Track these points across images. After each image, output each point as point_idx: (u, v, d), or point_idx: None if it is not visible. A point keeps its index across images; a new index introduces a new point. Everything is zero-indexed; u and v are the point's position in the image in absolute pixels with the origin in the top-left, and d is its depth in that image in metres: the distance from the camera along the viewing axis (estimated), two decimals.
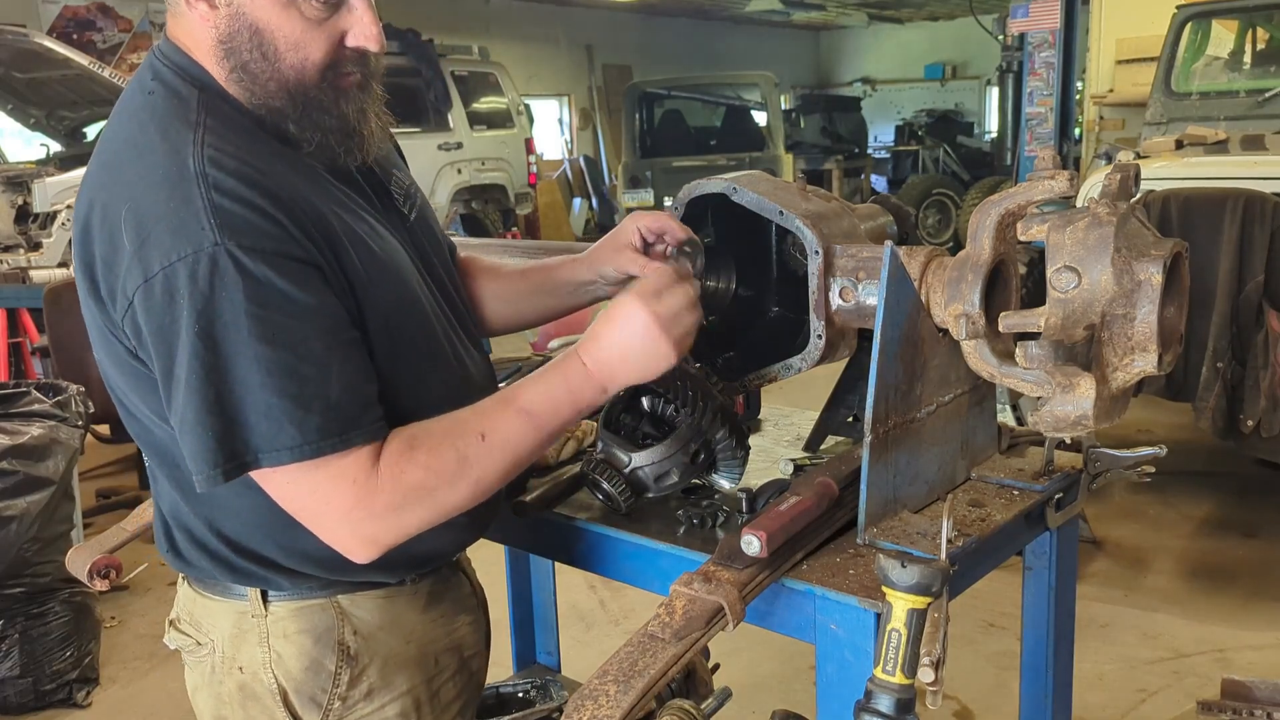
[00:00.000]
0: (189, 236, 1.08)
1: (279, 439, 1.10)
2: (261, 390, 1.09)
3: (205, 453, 1.10)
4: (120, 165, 1.17)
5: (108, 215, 1.14)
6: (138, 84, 1.24)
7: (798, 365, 1.56)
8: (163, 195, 1.10)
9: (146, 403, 1.21)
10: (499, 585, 2.79)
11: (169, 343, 1.09)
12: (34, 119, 6.97)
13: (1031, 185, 1.28)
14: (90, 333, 1.23)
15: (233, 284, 1.08)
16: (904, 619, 1.12)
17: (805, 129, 15.16)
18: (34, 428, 3.09)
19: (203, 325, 1.08)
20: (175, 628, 1.40)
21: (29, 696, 3.05)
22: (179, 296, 1.08)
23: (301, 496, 1.15)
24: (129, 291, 1.11)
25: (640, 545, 1.50)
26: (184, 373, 1.09)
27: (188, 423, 1.10)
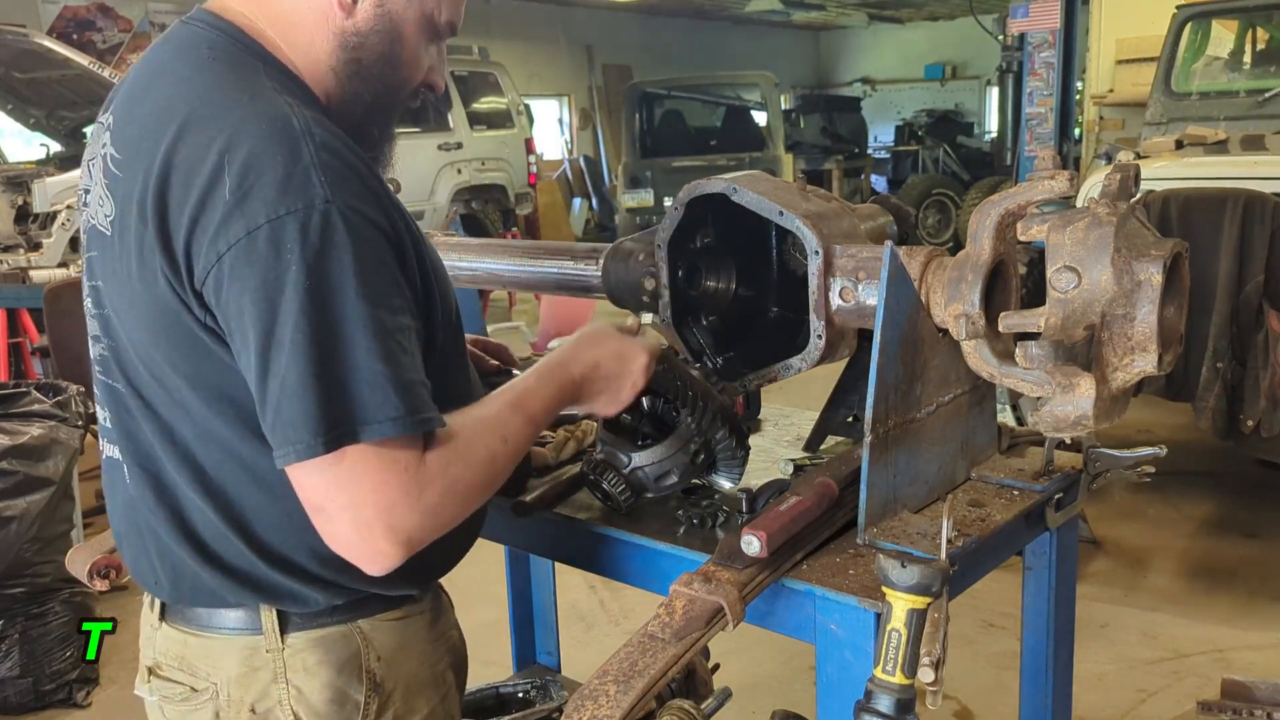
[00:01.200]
0: (299, 191, 1.03)
1: (384, 409, 1.04)
2: (368, 356, 1.04)
3: (308, 420, 1.02)
4: (201, 120, 1.09)
5: (195, 168, 1.06)
6: (188, 48, 1.18)
7: (798, 365, 1.56)
8: (269, 148, 1.05)
9: (199, 385, 1.12)
10: (499, 585, 2.79)
11: (272, 300, 1.02)
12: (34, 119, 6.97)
13: (1031, 185, 1.28)
14: (136, 308, 1.14)
15: (342, 243, 1.04)
16: (904, 619, 1.12)
17: (805, 129, 15.16)
18: (34, 428, 3.09)
19: (313, 283, 1.02)
20: (157, 675, 1.28)
21: (29, 696, 3.05)
22: (286, 251, 1.02)
23: (353, 481, 1.05)
24: (222, 246, 1.04)
25: (640, 545, 1.50)
26: (289, 332, 1.02)
27: (289, 386, 1.02)
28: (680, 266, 1.69)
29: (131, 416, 1.20)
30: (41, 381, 3.49)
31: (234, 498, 1.16)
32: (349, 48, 1.21)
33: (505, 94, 11.09)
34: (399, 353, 1.07)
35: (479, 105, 10.78)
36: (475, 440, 1.15)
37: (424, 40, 1.26)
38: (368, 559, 1.08)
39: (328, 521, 1.07)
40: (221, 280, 1.05)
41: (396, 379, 1.05)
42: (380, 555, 1.08)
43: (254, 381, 1.06)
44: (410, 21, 1.23)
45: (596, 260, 1.78)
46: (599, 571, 1.64)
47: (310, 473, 1.05)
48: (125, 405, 1.20)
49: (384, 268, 1.08)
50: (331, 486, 1.05)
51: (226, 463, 1.15)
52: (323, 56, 1.21)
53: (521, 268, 1.95)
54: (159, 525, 1.21)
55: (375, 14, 1.21)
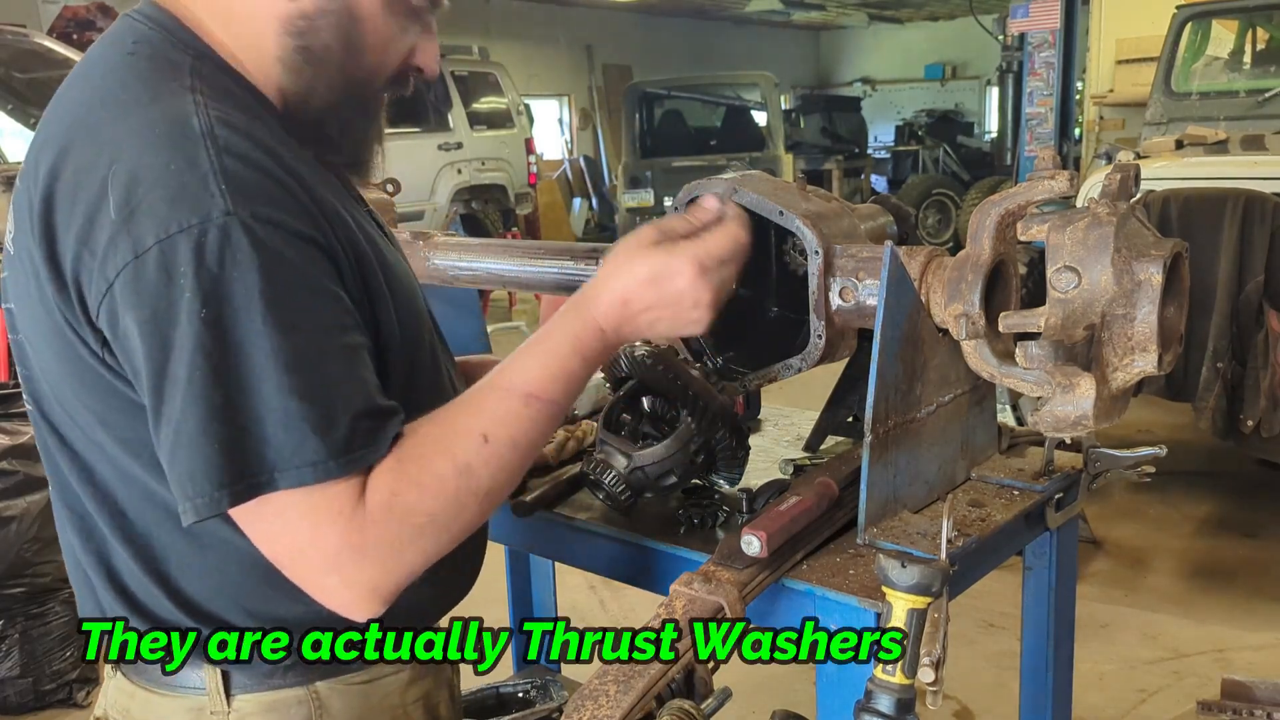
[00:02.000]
0: (193, 204, 0.90)
1: (301, 453, 0.90)
2: (279, 392, 0.90)
3: (209, 470, 0.90)
4: (96, 125, 0.97)
5: (82, 182, 0.94)
6: (112, 44, 1.06)
7: (798, 365, 1.56)
8: (159, 157, 0.92)
9: (106, 424, 1.00)
10: (499, 585, 2.79)
11: (164, 333, 0.89)
12: (34, 119, 6.95)
13: (1031, 185, 1.28)
14: (40, 336, 1.02)
15: (246, 260, 0.90)
16: (904, 619, 1.12)
17: (805, 129, 15.17)
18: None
19: (210, 310, 0.89)
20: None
21: (29, 696, 3.05)
22: (179, 276, 0.89)
23: (293, 532, 0.93)
24: (110, 272, 0.91)
25: (640, 545, 1.50)
26: (184, 370, 0.89)
27: (185, 434, 0.90)
28: None
29: (51, 455, 1.09)
30: None
31: (156, 546, 1.05)
32: (295, 33, 1.05)
33: (505, 94, 11.09)
34: (324, 383, 0.93)
35: (479, 105, 10.78)
36: (437, 449, 0.99)
37: (395, 19, 1.10)
38: (345, 607, 0.97)
39: (291, 574, 0.97)
40: (115, 311, 0.92)
41: (317, 416, 0.91)
42: (353, 607, 0.97)
43: (151, 425, 0.94)
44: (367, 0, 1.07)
45: (596, 260, 1.78)
46: (599, 571, 1.64)
47: (248, 525, 0.95)
48: (45, 442, 1.09)
49: (309, 283, 0.94)
50: (266, 540, 0.95)
51: (148, 508, 1.03)
52: (268, 48, 1.06)
53: (521, 268, 1.95)
54: (91, 573, 1.11)
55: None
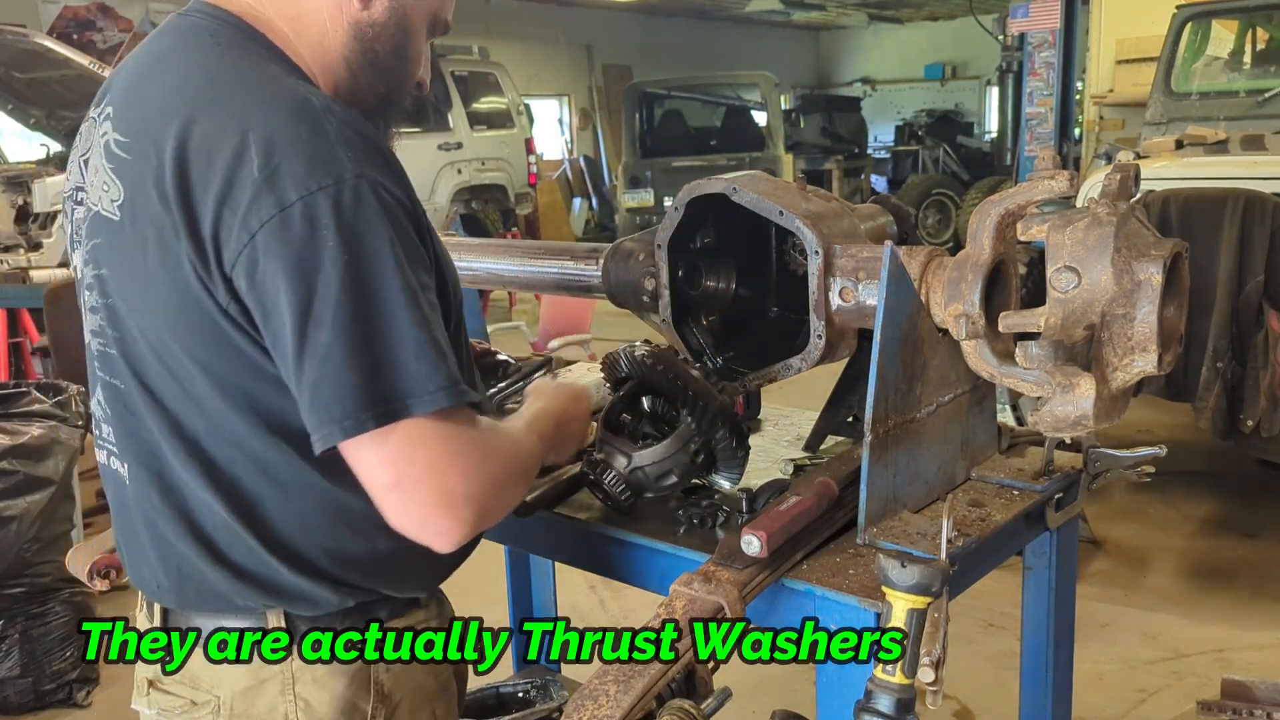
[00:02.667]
0: (328, 166, 1.03)
1: (433, 379, 1.03)
2: (410, 326, 1.03)
3: (355, 397, 1.00)
4: (218, 99, 1.08)
5: (215, 148, 1.04)
6: (186, 36, 1.18)
7: (798, 365, 1.56)
8: (290, 125, 1.04)
9: (213, 373, 1.09)
10: (499, 585, 2.79)
11: (309, 277, 1.01)
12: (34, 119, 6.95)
13: (1031, 185, 1.28)
14: (149, 294, 1.10)
15: (375, 216, 1.03)
16: (904, 619, 1.12)
17: (805, 129, 15.17)
18: (34, 428, 3.09)
19: (350, 257, 1.01)
20: (157, 688, 1.24)
21: (29, 696, 3.05)
22: (321, 227, 1.01)
23: (421, 451, 1.04)
24: (253, 224, 1.01)
25: (640, 545, 1.50)
26: (329, 309, 1.00)
27: (331, 365, 1.01)
28: (680, 266, 1.69)
29: (134, 413, 1.17)
30: (41, 381, 3.49)
31: (245, 493, 1.13)
32: (364, 39, 1.22)
33: (505, 94, 11.09)
34: (434, 324, 1.06)
35: (479, 105, 10.78)
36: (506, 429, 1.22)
37: (425, 35, 1.29)
38: (443, 532, 1.07)
39: (403, 497, 1.06)
40: (255, 260, 1.02)
41: (437, 349, 1.05)
42: (457, 525, 1.07)
43: (290, 361, 1.03)
44: (420, 16, 1.26)
45: (596, 260, 1.79)
46: (599, 571, 1.64)
47: (372, 450, 1.04)
48: (128, 401, 1.17)
49: (411, 242, 1.08)
50: (401, 460, 1.04)
51: (238, 459, 1.12)
52: (336, 46, 1.21)
53: (521, 268, 1.95)
54: (164, 526, 1.18)
55: (390, 7, 1.22)
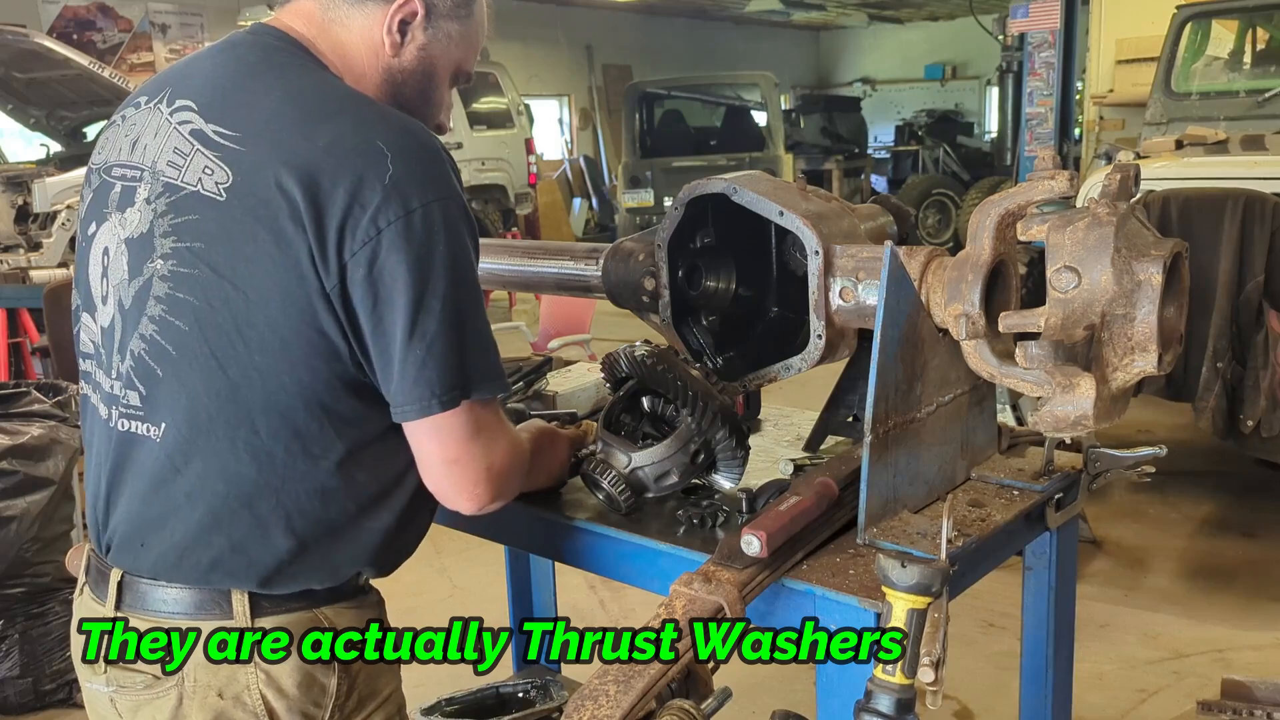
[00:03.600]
0: (441, 181, 1.21)
1: (493, 370, 1.24)
2: (486, 326, 1.25)
3: (447, 378, 1.20)
4: (341, 110, 1.24)
5: (349, 152, 1.18)
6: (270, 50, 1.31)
7: (798, 365, 1.56)
8: (411, 141, 1.22)
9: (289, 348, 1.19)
10: (499, 585, 2.79)
11: (426, 271, 1.18)
12: (34, 119, 6.96)
13: (1031, 185, 1.28)
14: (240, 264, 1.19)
15: (466, 230, 1.23)
16: (904, 619, 1.12)
17: (805, 129, 15.16)
18: (34, 428, 3.09)
19: (453, 261, 1.20)
20: (117, 667, 1.29)
21: (29, 696, 3.05)
22: (436, 231, 1.19)
23: (478, 431, 1.24)
24: (383, 221, 1.17)
25: (640, 545, 1.50)
26: (439, 301, 1.18)
27: (437, 348, 1.19)
28: (680, 266, 1.69)
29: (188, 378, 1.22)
30: (41, 381, 3.49)
31: (277, 461, 1.23)
32: (394, 83, 1.35)
33: (505, 94, 11.09)
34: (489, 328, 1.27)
35: (479, 105, 10.78)
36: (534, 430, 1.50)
37: (447, 84, 1.42)
38: (476, 500, 1.28)
39: (457, 469, 1.25)
40: (378, 252, 1.17)
41: (494, 348, 1.27)
42: (490, 495, 1.28)
43: (395, 343, 1.19)
44: (444, 66, 1.39)
45: (596, 260, 1.79)
46: (599, 571, 1.64)
47: (446, 425, 1.22)
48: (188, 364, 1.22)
49: (478, 254, 1.28)
50: (467, 437, 1.24)
51: (281, 429, 1.22)
52: (370, 88, 1.34)
53: (521, 268, 1.95)
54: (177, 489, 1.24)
55: (418, 56, 1.36)
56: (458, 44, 1.39)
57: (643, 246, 1.71)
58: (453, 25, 1.37)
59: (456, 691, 2.47)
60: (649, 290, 1.68)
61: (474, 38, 1.42)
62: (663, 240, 1.65)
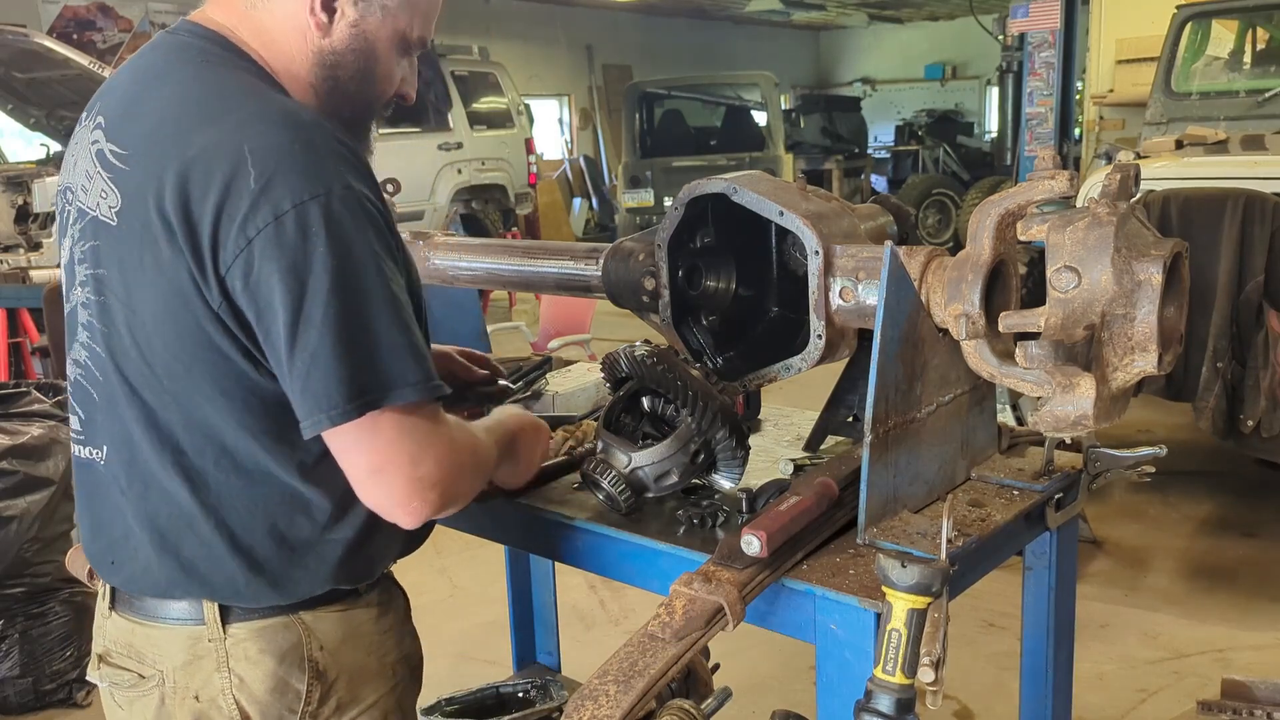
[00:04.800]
0: (320, 177, 1.11)
1: (406, 375, 1.13)
2: (390, 328, 1.13)
3: (341, 389, 1.10)
4: (214, 114, 1.16)
5: (214, 159, 1.12)
6: (176, 53, 1.25)
7: (798, 365, 1.56)
8: (284, 138, 1.13)
9: (189, 370, 1.16)
10: (499, 585, 2.79)
11: (301, 279, 1.09)
12: (34, 119, 6.95)
13: (1031, 185, 1.28)
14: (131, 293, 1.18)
15: (361, 224, 1.13)
16: (904, 619, 1.12)
17: (805, 129, 15.16)
18: (34, 428, 3.09)
19: (338, 263, 1.10)
20: (106, 663, 1.33)
21: (29, 696, 3.05)
22: (313, 234, 1.10)
23: (400, 439, 1.14)
24: (250, 231, 1.10)
25: (640, 545, 1.50)
26: (319, 309, 1.09)
27: (320, 360, 1.10)
28: (680, 266, 1.69)
29: (112, 402, 1.24)
30: (41, 381, 3.49)
31: (210, 481, 1.20)
32: (326, 65, 1.27)
33: (505, 94, 11.08)
34: (411, 324, 1.16)
35: (479, 105, 10.77)
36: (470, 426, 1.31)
37: (396, 56, 1.32)
38: (415, 511, 1.17)
39: (383, 480, 1.15)
40: (251, 263, 1.11)
41: (413, 348, 1.15)
42: (427, 506, 1.17)
43: (282, 356, 1.12)
44: (384, 40, 1.29)
45: (596, 260, 1.79)
46: (599, 571, 1.63)
47: (356, 438, 1.14)
48: (109, 392, 1.24)
49: (390, 249, 1.17)
50: (383, 448, 1.14)
51: (208, 449, 1.19)
52: (302, 73, 1.27)
53: (521, 268, 1.95)
54: (127, 509, 1.25)
55: (350, 34, 1.26)
56: (397, 14, 1.28)
57: (643, 246, 1.71)
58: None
59: (456, 691, 2.48)
60: (649, 290, 1.68)
61: (419, 3, 1.31)
62: (663, 240, 1.65)
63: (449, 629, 3.48)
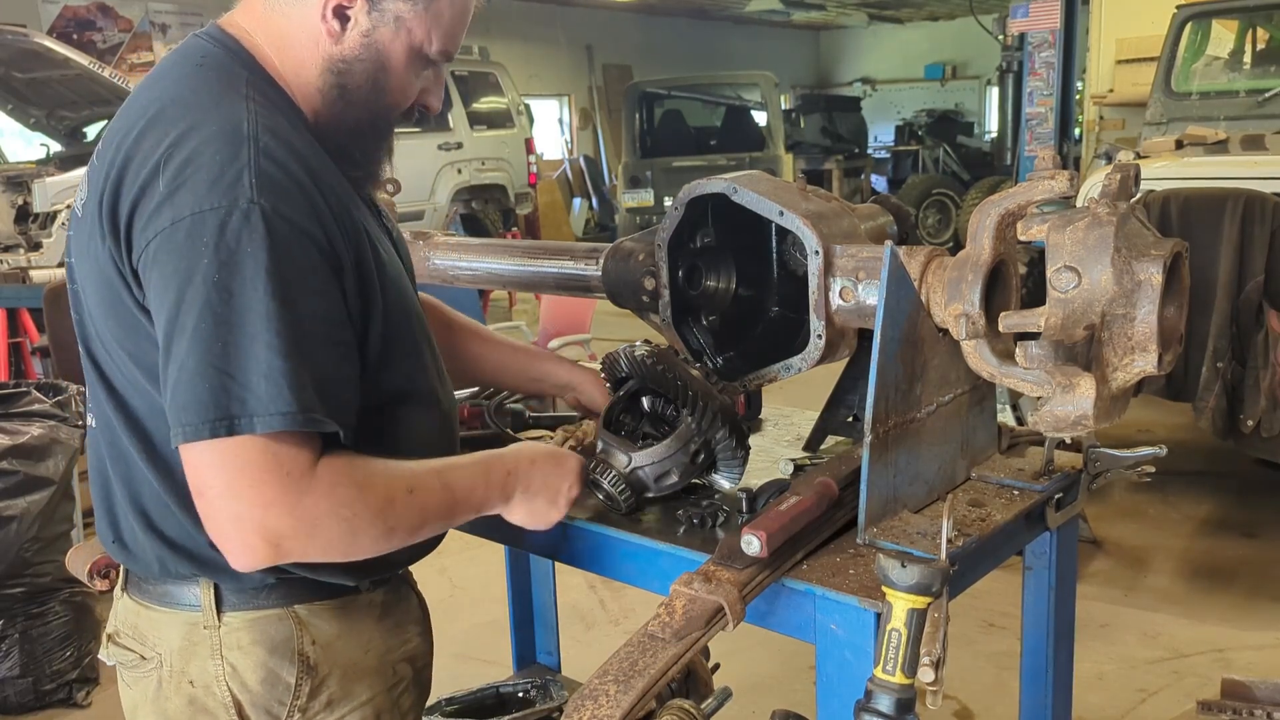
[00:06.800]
0: (227, 190, 1.10)
1: (275, 403, 1.07)
2: (267, 350, 1.08)
3: (198, 405, 1.07)
4: (165, 119, 1.17)
5: (146, 160, 1.14)
6: (183, 58, 1.27)
7: (798, 365, 1.56)
8: (209, 148, 1.12)
9: (139, 362, 1.19)
10: (499, 585, 2.79)
11: (180, 288, 1.09)
12: (34, 119, 6.96)
13: (1031, 185, 1.28)
14: (91, 284, 1.22)
15: (259, 241, 1.09)
16: (904, 619, 1.12)
17: (805, 129, 15.15)
18: (34, 428, 3.09)
19: (222, 276, 1.08)
20: (114, 642, 1.37)
21: (29, 696, 3.05)
22: (202, 244, 1.08)
23: (232, 471, 1.09)
24: (150, 233, 1.11)
25: (640, 545, 1.50)
26: (192, 320, 1.08)
27: (186, 371, 1.08)
28: (680, 266, 1.69)
29: (94, 387, 1.28)
30: (41, 381, 3.49)
31: (176, 470, 1.17)
32: (335, 73, 1.27)
33: (505, 94, 11.08)
34: (308, 352, 1.10)
35: (479, 105, 10.77)
36: (378, 474, 1.18)
37: (413, 69, 1.31)
38: (235, 552, 1.12)
39: (205, 505, 1.12)
40: (148, 264, 1.13)
41: (295, 376, 1.08)
42: (247, 550, 1.11)
43: (160, 363, 1.12)
44: (398, 53, 1.28)
45: (596, 260, 1.79)
46: (599, 571, 1.63)
47: (198, 455, 1.10)
48: (90, 376, 1.29)
49: (306, 272, 1.13)
50: (211, 471, 1.10)
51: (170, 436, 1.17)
52: (311, 78, 1.27)
53: (521, 268, 1.95)
54: (116, 490, 1.29)
55: (361, 43, 1.26)
56: (412, 28, 1.27)
57: (643, 246, 1.71)
58: (402, 6, 1.25)
59: (457, 691, 2.48)
60: (649, 290, 1.68)
61: (439, 15, 1.28)
62: (663, 240, 1.65)
63: (449, 629, 3.47)
